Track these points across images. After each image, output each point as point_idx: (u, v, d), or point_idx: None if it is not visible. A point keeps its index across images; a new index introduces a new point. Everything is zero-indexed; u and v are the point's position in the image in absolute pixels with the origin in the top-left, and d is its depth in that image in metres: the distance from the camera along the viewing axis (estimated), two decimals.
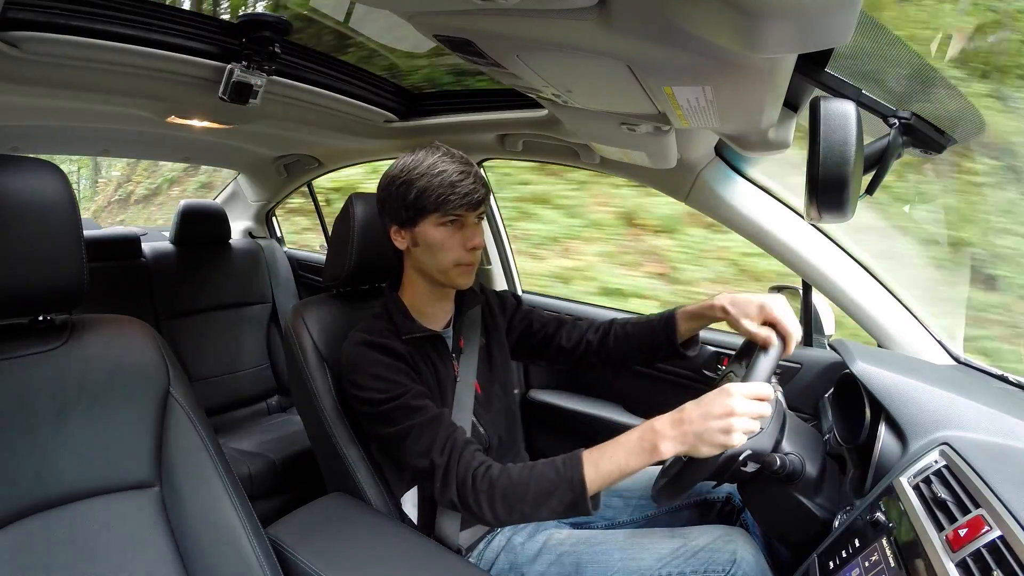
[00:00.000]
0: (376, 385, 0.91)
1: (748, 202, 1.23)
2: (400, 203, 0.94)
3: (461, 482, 0.83)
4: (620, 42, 0.59)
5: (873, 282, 1.17)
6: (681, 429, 0.74)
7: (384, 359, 0.93)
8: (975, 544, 0.56)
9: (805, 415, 1.23)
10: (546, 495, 0.79)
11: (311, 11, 1.13)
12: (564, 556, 0.92)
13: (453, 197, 0.91)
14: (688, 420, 0.74)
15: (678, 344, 1.06)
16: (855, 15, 0.48)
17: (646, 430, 0.77)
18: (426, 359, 1.00)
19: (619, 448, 0.78)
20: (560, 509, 0.79)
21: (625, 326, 1.12)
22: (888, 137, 0.75)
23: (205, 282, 2.16)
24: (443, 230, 0.94)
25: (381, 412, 0.91)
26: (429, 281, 1.00)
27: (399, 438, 0.89)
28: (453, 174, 0.91)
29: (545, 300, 1.80)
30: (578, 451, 0.81)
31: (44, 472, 0.71)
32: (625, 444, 0.78)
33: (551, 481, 0.79)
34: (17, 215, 0.67)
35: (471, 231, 0.96)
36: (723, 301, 0.94)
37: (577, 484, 0.77)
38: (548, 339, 1.16)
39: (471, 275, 0.99)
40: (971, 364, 1.10)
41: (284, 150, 2.16)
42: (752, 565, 0.84)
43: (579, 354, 1.14)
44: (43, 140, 1.79)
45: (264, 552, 0.82)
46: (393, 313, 1.01)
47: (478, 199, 0.93)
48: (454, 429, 0.88)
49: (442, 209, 0.92)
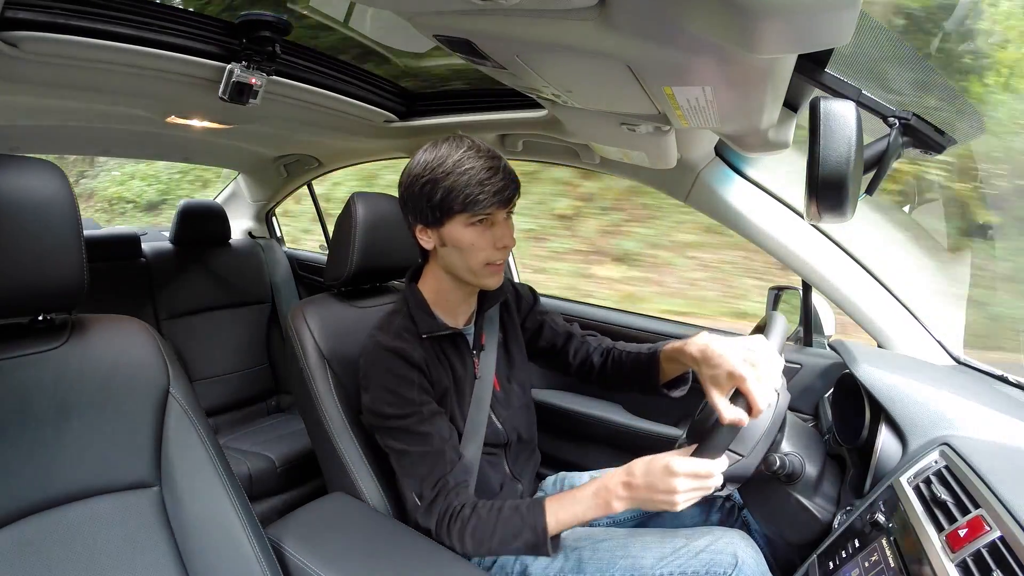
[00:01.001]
0: (387, 398, 0.91)
1: (748, 202, 1.23)
2: (425, 203, 0.89)
3: (440, 518, 0.88)
4: (620, 42, 0.59)
5: (873, 282, 1.16)
6: (630, 492, 0.81)
7: (399, 370, 0.91)
8: (975, 544, 0.56)
9: (805, 415, 1.23)
10: (511, 537, 0.84)
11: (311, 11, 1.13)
12: (567, 551, 0.93)
13: (482, 196, 0.86)
14: (635, 487, 0.80)
15: (660, 385, 1.02)
16: (855, 15, 0.48)
17: (600, 488, 0.83)
18: (444, 359, 0.98)
19: (577, 503, 0.84)
20: (524, 549, 0.85)
21: (621, 354, 1.09)
22: (888, 137, 0.75)
23: (205, 282, 2.16)
24: (472, 230, 0.89)
25: (387, 426, 0.93)
26: (457, 280, 0.97)
27: (396, 454, 0.93)
28: (481, 171, 0.86)
29: (554, 303, 1.79)
30: (541, 499, 0.86)
31: (44, 472, 0.71)
32: (582, 500, 0.84)
33: (516, 526, 0.84)
34: (17, 215, 0.67)
35: (502, 229, 0.91)
36: (694, 349, 0.85)
37: (541, 531, 0.83)
38: (556, 351, 1.15)
39: (500, 275, 0.96)
40: (971, 364, 1.10)
41: (284, 150, 2.16)
42: (754, 569, 0.84)
43: (582, 373, 1.13)
44: (43, 140, 1.79)
45: (264, 552, 0.82)
46: (413, 309, 0.98)
47: (509, 196, 0.88)
48: (450, 468, 0.90)
49: (471, 209, 0.87)
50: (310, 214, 2.69)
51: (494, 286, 0.96)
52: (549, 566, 0.92)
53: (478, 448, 0.99)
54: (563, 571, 0.91)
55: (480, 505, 0.87)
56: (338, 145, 1.96)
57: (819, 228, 1.20)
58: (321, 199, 2.55)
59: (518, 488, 1.07)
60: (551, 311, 1.18)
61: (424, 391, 0.93)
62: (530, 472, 1.13)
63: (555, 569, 0.92)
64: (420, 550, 0.89)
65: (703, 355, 0.83)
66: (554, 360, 1.16)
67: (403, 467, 0.93)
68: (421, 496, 0.90)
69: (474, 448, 0.98)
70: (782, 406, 0.88)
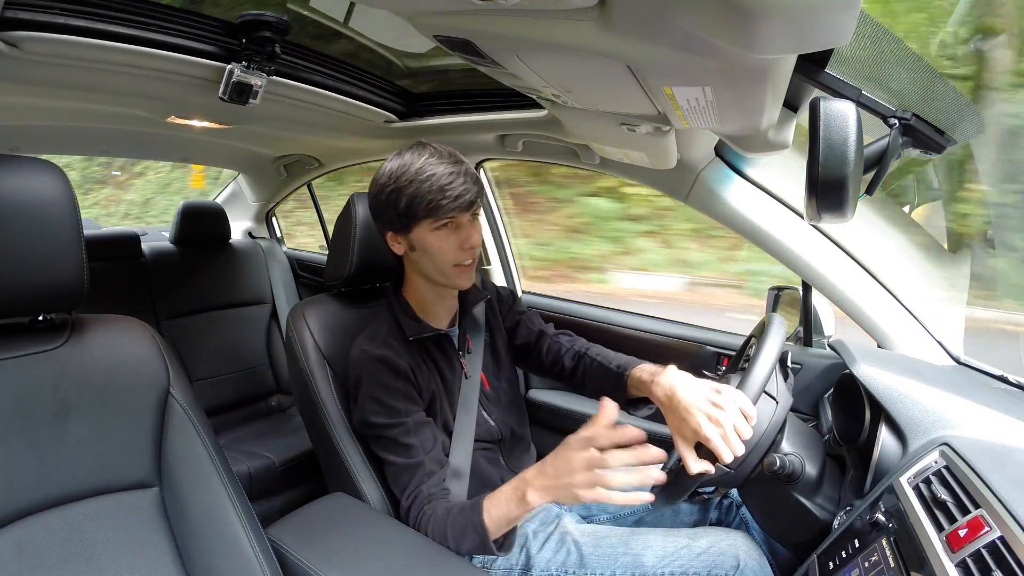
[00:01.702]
0: (373, 407, 0.95)
1: (748, 202, 1.23)
2: (392, 211, 0.92)
3: (414, 523, 0.92)
4: (620, 42, 0.59)
5: (873, 282, 1.16)
6: (542, 481, 0.80)
7: (385, 379, 0.94)
8: (975, 544, 0.56)
9: (805, 415, 1.23)
10: (461, 535, 0.86)
11: (311, 11, 1.13)
12: (570, 546, 0.95)
13: (444, 201, 0.88)
14: (545, 473, 0.80)
15: (626, 401, 1.01)
16: (855, 15, 0.48)
17: (518, 481, 0.84)
18: (430, 361, 1.00)
19: (501, 498, 0.85)
20: (476, 549, 0.86)
21: (592, 363, 1.07)
22: (888, 137, 0.75)
23: (205, 282, 2.16)
24: (438, 234, 0.92)
25: (373, 435, 0.98)
26: (430, 283, 1.00)
27: (384, 462, 0.98)
28: (442, 177, 0.88)
29: (546, 300, 1.80)
30: (480, 497, 0.87)
31: (44, 472, 0.71)
32: (505, 493, 0.84)
33: (462, 525, 0.86)
34: (17, 215, 0.67)
35: (467, 231, 0.94)
36: (660, 392, 0.84)
37: (480, 528, 0.84)
38: (528, 348, 1.16)
39: (470, 275, 0.98)
40: (971, 364, 1.10)
41: (284, 150, 2.16)
42: (756, 572, 0.84)
43: (555, 373, 1.14)
44: (43, 140, 1.79)
45: (264, 552, 0.82)
46: (398, 314, 1.01)
47: (470, 200, 0.91)
48: (427, 478, 0.93)
49: (434, 215, 0.90)
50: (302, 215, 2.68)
51: (465, 285, 0.99)
52: (551, 560, 0.94)
53: (470, 445, 1.01)
54: (565, 565, 0.93)
55: (440, 508, 0.90)
56: (338, 145, 1.96)
57: (819, 228, 1.20)
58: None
59: None
60: (529, 310, 1.20)
61: (410, 399, 0.95)
62: (527, 466, 1.13)
63: (558, 563, 0.93)
64: (420, 550, 0.89)
65: (669, 402, 0.81)
66: (528, 359, 1.17)
67: (389, 475, 0.97)
68: (400, 501, 0.95)
69: (466, 446, 1.00)
70: (779, 417, 0.87)
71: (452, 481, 0.97)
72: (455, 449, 0.99)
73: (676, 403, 0.79)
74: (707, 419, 0.75)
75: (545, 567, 0.93)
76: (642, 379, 0.93)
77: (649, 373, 0.92)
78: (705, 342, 1.47)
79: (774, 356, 0.82)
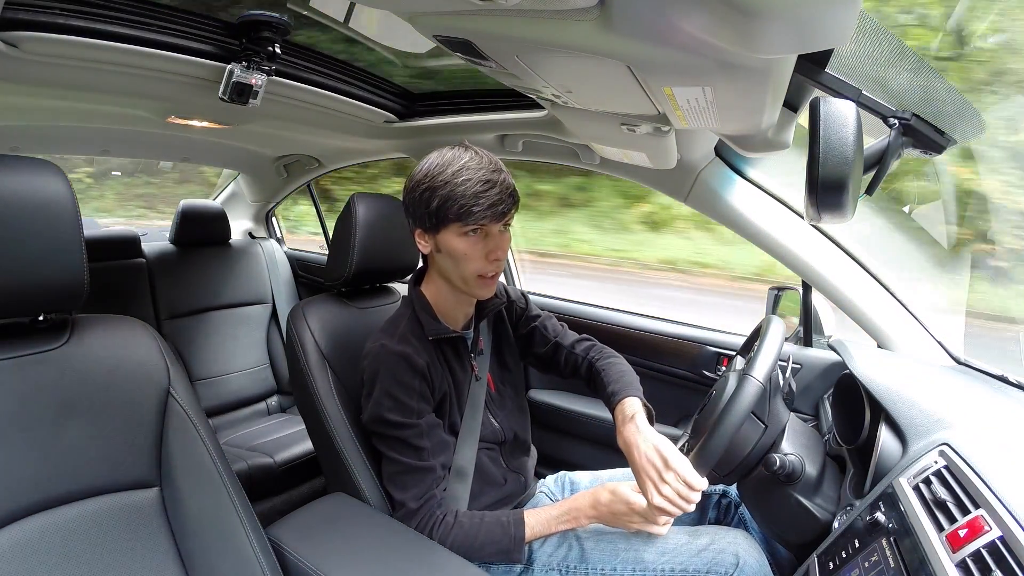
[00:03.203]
0: (388, 404, 0.93)
1: (748, 202, 1.23)
2: (423, 209, 0.90)
3: (422, 524, 0.93)
4: (620, 42, 0.59)
5: (873, 282, 1.17)
6: (596, 513, 0.91)
7: (403, 376, 0.92)
8: (975, 544, 0.56)
9: (805, 415, 1.24)
10: (490, 544, 0.91)
11: (311, 11, 1.13)
12: (572, 542, 0.95)
13: (476, 209, 0.86)
14: (601, 515, 0.91)
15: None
16: (855, 15, 0.48)
17: (573, 510, 0.93)
18: (445, 362, 1.00)
19: (545, 518, 0.93)
20: (497, 557, 0.92)
21: (599, 375, 1.07)
22: (888, 137, 0.75)
23: (205, 282, 2.16)
24: (465, 240, 0.90)
25: (386, 434, 0.95)
26: (451, 286, 0.98)
27: (389, 461, 0.96)
28: (477, 184, 0.86)
29: (546, 300, 1.80)
30: (520, 512, 0.94)
31: (44, 472, 0.71)
32: (553, 516, 0.93)
33: (497, 536, 0.91)
34: (17, 215, 0.67)
35: (495, 241, 0.91)
36: (621, 442, 0.90)
37: (519, 540, 0.91)
38: (547, 359, 1.16)
39: (492, 287, 0.96)
40: (971, 365, 1.10)
41: (284, 150, 2.17)
42: (756, 570, 0.85)
43: (575, 377, 1.15)
44: (43, 140, 1.80)
45: (264, 552, 0.82)
46: (418, 311, 0.99)
47: (503, 210, 0.89)
48: (437, 483, 0.94)
49: (464, 220, 0.88)
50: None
51: (485, 297, 0.98)
52: (553, 555, 0.94)
53: (475, 446, 1.01)
54: (567, 560, 0.93)
55: (462, 515, 0.93)
56: (338, 145, 1.96)
57: (819, 228, 1.20)
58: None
59: (521, 480, 1.11)
60: (543, 313, 1.19)
61: (424, 399, 0.94)
62: (527, 468, 1.16)
63: (559, 558, 0.94)
64: (420, 550, 0.89)
65: (627, 453, 0.89)
66: (548, 368, 1.18)
67: (392, 474, 0.96)
68: (404, 504, 0.93)
69: (471, 447, 1.00)
70: (765, 441, 0.90)
71: (455, 481, 0.97)
72: (460, 449, 0.99)
73: (631, 460, 0.88)
74: (653, 487, 0.82)
75: (547, 562, 0.94)
76: (617, 418, 0.96)
77: (621, 417, 0.94)
78: (705, 342, 1.48)
79: (737, 420, 0.80)
